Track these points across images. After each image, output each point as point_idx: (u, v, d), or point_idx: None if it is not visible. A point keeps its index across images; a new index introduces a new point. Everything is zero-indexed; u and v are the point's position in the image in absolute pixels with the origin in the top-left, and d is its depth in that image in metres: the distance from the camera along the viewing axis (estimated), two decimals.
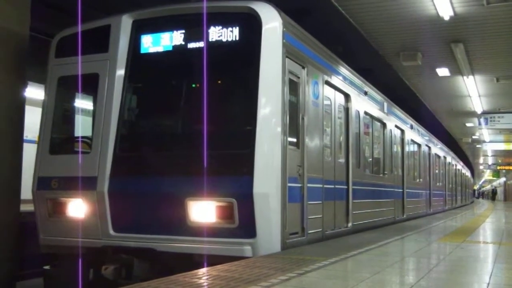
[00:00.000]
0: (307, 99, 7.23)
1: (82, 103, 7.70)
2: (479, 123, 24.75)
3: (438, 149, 21.90)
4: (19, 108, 8.00)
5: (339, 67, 9.04)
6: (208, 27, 6.41)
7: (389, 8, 11.39)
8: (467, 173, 41.07)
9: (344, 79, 9.18)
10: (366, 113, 10.56)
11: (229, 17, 6.47)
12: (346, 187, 9.12)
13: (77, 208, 6.72)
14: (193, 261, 5.89)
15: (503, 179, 76.19)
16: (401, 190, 13.85)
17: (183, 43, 6.65)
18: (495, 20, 11.88)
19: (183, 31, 6.65)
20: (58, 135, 7.42)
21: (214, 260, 5.69)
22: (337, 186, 8.60)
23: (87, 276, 6.72)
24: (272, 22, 6.32)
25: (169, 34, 6.71)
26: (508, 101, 21.50)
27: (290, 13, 6.79)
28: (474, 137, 33.47)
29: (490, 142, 34.86)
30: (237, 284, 4.23)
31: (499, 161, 53.58)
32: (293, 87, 6.89)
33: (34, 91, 10.71)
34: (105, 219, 6.52)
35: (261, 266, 5.14)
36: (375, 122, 11.71)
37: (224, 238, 6.00)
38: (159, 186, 6.36)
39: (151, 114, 7.30)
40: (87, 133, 7.02)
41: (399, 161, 13.87)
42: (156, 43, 6.82)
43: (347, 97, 9.35)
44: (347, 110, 9.38)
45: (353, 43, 13.46)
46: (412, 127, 15.94)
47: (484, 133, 30.91)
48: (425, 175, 18.20)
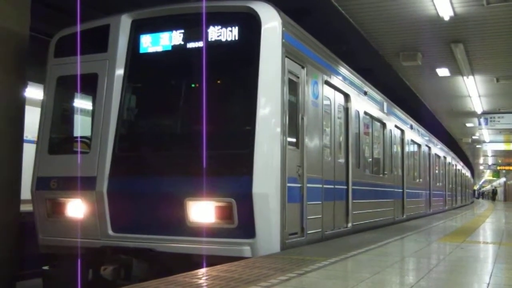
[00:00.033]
0: (306, 99, 7.22)
1: (81, 103, 7.70)
2: (479, 123, 24.77)
3: (438, 149, 21.88)
4: (19, 108, 7.99)
5: (339, 67, 9.03)
6: (207, 27, 6.40)
7: (389, 8, 11.39)
8: (467, 173, 41.06)
9: (344, 79, 9.17)
10: (366, 113, 10.54)
11: (228, 16, 6.46)
12: (345, 187, 9.11)
13: (76, 208, 6.71)
14: (192, 261, 5.87)
15: (503, 179, 76.20)
16: (401, 190, 13.83)
17: (182, 43, 6.64)
18: (495, 20, 11.88)
19: (182, 31, 6.64)
20: (57, 135, 7.41)
21: (213, 260, 5.69)
22: (336, 186, 8.59)
23: (86, 276, 6.70)
24: (271, 22, 6.31)
25: (168, 34, 6.70)
26: (508, 101, 21.50)
27: (289, 13, 6.78)
28: (474, 137, 33.48)
29: (490, 142, 34.88)
30: (237, 284, 4.22)
31: (499, 161, 53.60)
32: (293, 87, 6.87)
33: (34, 91, 10.69)
34: (104, 219, 6.51)
35: (260, 266, 5.13)
36: (375, 122, 11.69)
37: (223, 239, 5.98)
38: (158, 186, 6.34)
39: (150, 114, 7.29)
40: (86, 133, 7.02)
41: (399, 161, 13.85)
42: (155, 43, 6.80)
43: (346, 97, 9.34)
44: (346, 110, 9.36)
45: (353, 43, 13.45)
46: (412, 127, 15.93)
47: (484, 133, 30.93)
48: (425, 175, 18.19)
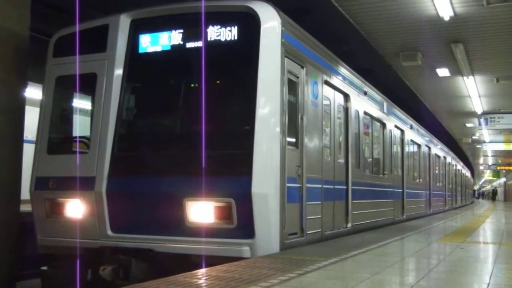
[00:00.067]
0: (306, 99, 7.20)
1: (80, 103, 7.69)
2: (479, 124, 24.76)
3: (438, 149, 21.88)
4: (19, 108, 7.97)
5: (339, 67, 9.02)
6: (207, 27, 6.39)
7: (389, 8, 11.38)
8: (467, 173, 41.07)
9: (343, 79, 9.15)
10: (365, 113, 10.53)
11: (228, 16, 6.45)
12: (345, 187, 9.09)
13: (75, 208, 6.69)
14: (191, 261, 5.86)
15: (503, 180, 76.21)
16: (401, 191, 13.82)
17: (181, 42, 6.62)
18: (495, 20, 11.87)
19: (181, 30, 6.62)
20: (56, 135, 7.39)
21: (212, 260, 5.67)
22: (336, 187, 8.57)
23: (85, 276, 6.69)
24: (270, 22, 6.30)
25: (168, 33, 6.68)
26: (508, 101, 21.49)
27: (289, 12, 6.76)
28: (474, 137, 33.49)
29: (490, 142, 34.88)
30: (237, 285, 4.21)
31: (499, 161, 53.60)
32: (292, 86, 6.86)
33: (34, 91, 10.68)
34: (103, 219, 6.49)
35: (260, 266, 5.12)
36: (374, 122, 11.68)
37: (222, 239, 5.97)
38: (157, 186, 6.33)
39: (149, 114, 7.27)
40: (85, 133, 7.01)
41: (399, 161, 13.84)
42: (155, 42, 6.79)
43: (346, 97, 9.33)
44: (346, 110, 9.35)
45: (353, 43, 13.44)
46: (412, 127, 15.92)
47: (484, 133, 30.93)
48: (425, 175, 18.18)
